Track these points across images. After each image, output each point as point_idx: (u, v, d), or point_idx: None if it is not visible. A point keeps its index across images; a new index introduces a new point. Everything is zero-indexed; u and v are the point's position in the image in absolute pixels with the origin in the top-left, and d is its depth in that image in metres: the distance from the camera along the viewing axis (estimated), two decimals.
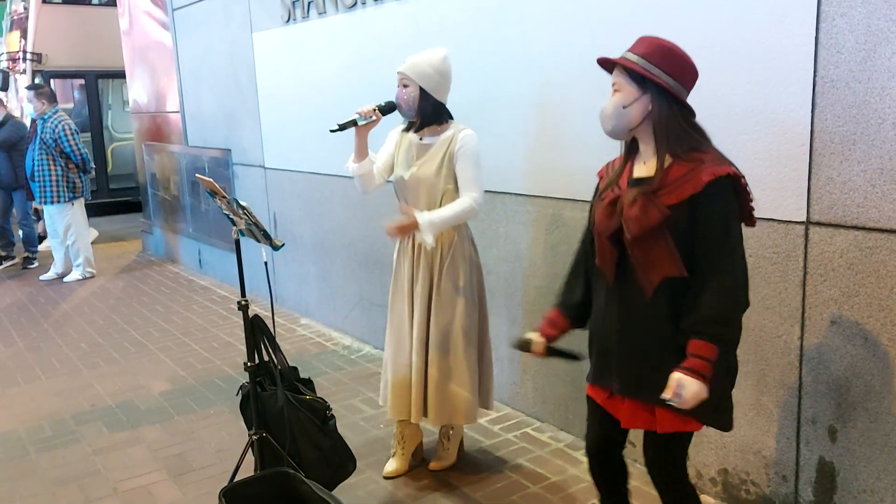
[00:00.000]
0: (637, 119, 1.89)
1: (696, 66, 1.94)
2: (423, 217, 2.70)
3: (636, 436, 3.01)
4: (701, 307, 1.81)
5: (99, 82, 10.83)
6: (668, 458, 2.02)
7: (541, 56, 3.14)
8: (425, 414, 2.91)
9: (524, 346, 2.17)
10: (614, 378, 1.99)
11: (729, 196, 1.84)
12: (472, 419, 2.94)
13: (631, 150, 1.99)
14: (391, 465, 3.07)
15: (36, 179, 6.51)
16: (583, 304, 2.11)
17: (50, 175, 6.52)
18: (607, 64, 1.93)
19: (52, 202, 6.58)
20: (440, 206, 2.80)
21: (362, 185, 2.95)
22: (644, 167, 1.93)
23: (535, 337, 2.16)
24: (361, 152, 2.86)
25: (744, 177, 1.87)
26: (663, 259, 1.83)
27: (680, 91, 1.89)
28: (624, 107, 1.88)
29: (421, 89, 2.76)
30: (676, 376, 1.80)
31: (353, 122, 2.79)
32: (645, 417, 1.96)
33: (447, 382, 2.87)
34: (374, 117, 2.79)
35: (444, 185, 2.79)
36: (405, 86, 2.77)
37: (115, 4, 8.12)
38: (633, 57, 1.88)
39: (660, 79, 1.85)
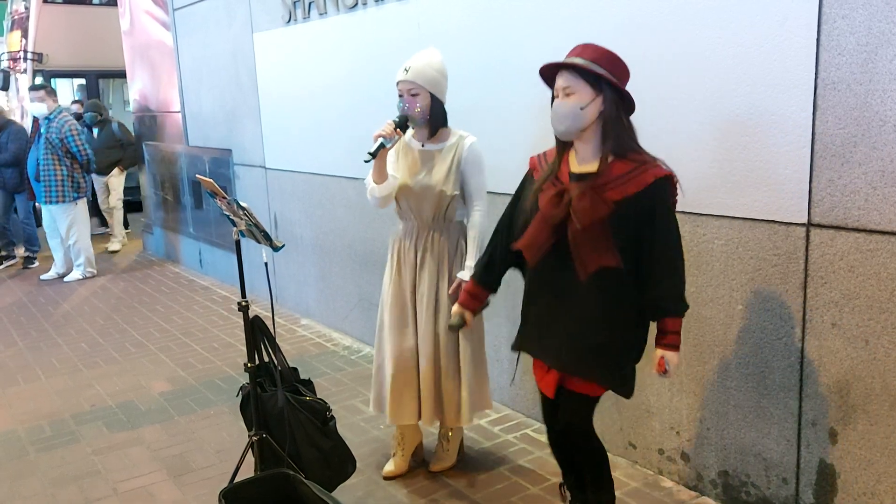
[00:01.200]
0: (591, 119, 2.06)
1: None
2: (467, 276, 2.73)
3: (636, 437, 3.01)
4: (664, 289, 2.09)
5: (100, 82, 10.84)
6: (579, 418, 2.26)
7: (540, 57, 3.13)
8: (429, 416, 2.93)
9: (461, 324, 2.48)
10: (543, 352, 2.25)
11: (669, 194, 2.08)
12: (467, 420, 2.93)
13: (564, 147, 2.18)
14: (390, 466, 3.07)
15: (41, 179, 6.52)
16: (499, 279, 2.43)
17: (55, 175, 6.53)
18: (550, 71, 2.12)
19: (57, 202, 6.59)
20: (445, 212, 2.81)
21: (381, 204, 2.82)
22: (582, 163, 2.13)
23: (466, 314, 2.47)
24: (383, 173, 2.73)
25: (676, 176, 2.09)
26: (603, 249, 2.04)
27: (625, 94, 2.08)
28: (581, 108, 2.04)
29: (431, 95, 2.71)
30: (659, 353, 2.13)
31: (382, 146, 2.65)
32: (561, 383, 2.23)
33: (443, 383, 2.88)
34: (396, 137, 2.67)
35: (451, 192, 2.77)
36: (415, 94, 2.69)
37: (115, 4, 8.13)
38: (584, 61, 2.04)
39: (613, 80, 2.04)
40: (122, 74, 8.61)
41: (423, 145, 2.83)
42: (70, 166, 6.61)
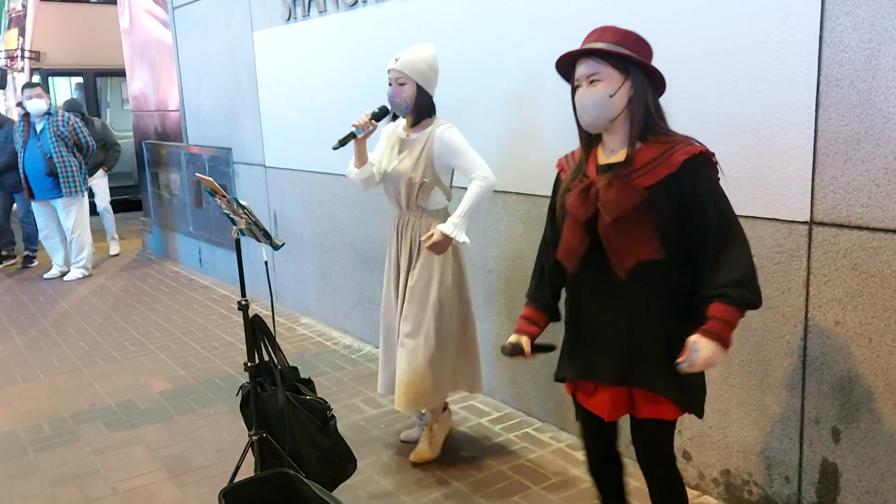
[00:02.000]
0: (622, 107, 1.88)
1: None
2: (447, 228, 2.76)
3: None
4: (723, 274, 1.79)
5: (98, 80, 10.81)
6: (653, 447, 2.03)
7: (542, 56, 3.13)
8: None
9: (515, 351, 2.13)
10: (597, 369, 2.00)
11: (708, 172, 1.86)
12: (424, 404, 3.02)
13: (591, 142, 1.99)
14: (409, 432, 3.31)
15: (59, 172, 6.55)
16: (555, 298, 2.14)
17: (71, 166, 6.64)
18: (568, 61, 1.92)
19: (75, 192, 6.69)
20: (416, 198, 2.89)
21: (364, 186, 3.06)
22: (611, 155, 1.94)
23: (522, 340, 2.13)
24: (362, 159, 2.95)
25: (713, 153, 1.88)
26: (640, 242, 1.83)
27: (655, 73, 1.91)
28: (610, 95, 1.87)
29: (417, 86, 2.82)
30: (693, 338, 1.79)
31: (353, 136, 2.84)
32: (626, 406, 1.98)
33: (412, 367, 2.92)
34: (370, 127, 2.85)
35: (420, 179, 2.85)
36: (402, 83, 2.82)
37: (114, 2, 8.10)
38: (607, 45, 1.87)
39: (641, 60, 1.87)
40: (120, 73, 8.57)
41: (407, 135, 2.94)
42: (80, 158, 6.73)
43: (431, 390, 2.95)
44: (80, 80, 10.84)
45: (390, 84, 2.85)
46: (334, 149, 2.85)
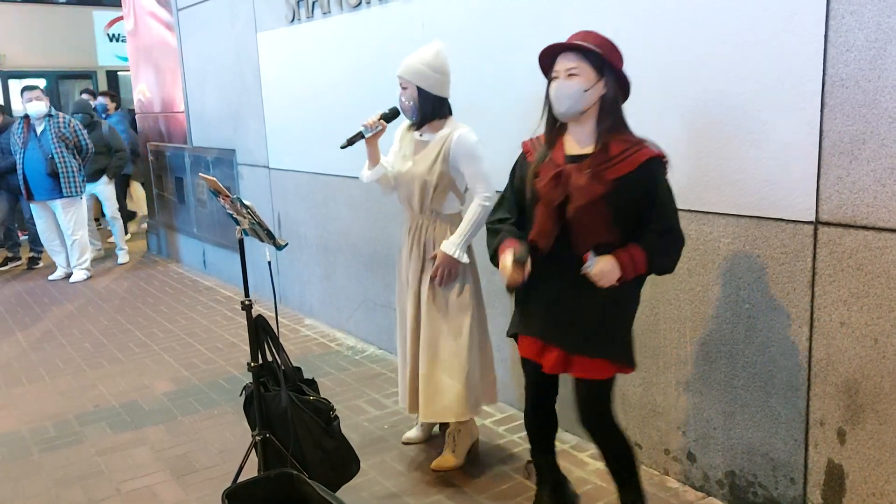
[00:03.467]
0: (592, 102, 2.13)
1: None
2: (449, 248, 2.80)
3: (642, 437, 2.99)
4: (655, 236, 2.13)
5: (63, 82, 10.62)
6: (592, 401, 2.29)
7: None
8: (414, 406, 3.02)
9: (525, 258, 2.20)
10: (545, 330, 2.27)
11: (662, 173, 2.14)
12: (461, 415, 2.93)
13: (560, 130, 2.23)
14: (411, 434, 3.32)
15: (60, 173, 6.58)
16: (517, 230, 2.33)
17: (72, 167, 6.67)
18: (550, 54, 2.17)
19: (76, 193, 6.72)
20: (431, 201, 2.87)
21: (382, 189, 3.04)
22: (577, 145, 2.19)
23: (520, 251, 2.21)
24: (374, 159, 2.93)
25: (667, 156, 2.14)
26: (600, 225, 2.10)
27: (625, 80, 2.16)
28: (585, 90, 2.11)
29: (419, 88, 2.81)
30: (599, 257, 2.09)
31: (360, 135, 2.84)
32: (564, 366, 2.25)
33: (436, 379, 2.90)
34: (379, 127, 2.84)
35: (435, 182, 2.84)
36: (404, 87, 2.83)
37: (79, 3, 7.97)
38: (590, 45, 2.10)
39: (617, 65, 2.12)
40: (84, 75, 8.44)
41: (420, 135, 2.93)
42: (77, 160, 6.75)
43: (469, 401, 2.93)
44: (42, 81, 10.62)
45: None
46: (342, 147, 2.85)
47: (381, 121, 2.84)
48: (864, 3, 2.11)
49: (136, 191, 9.03)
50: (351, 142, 2.83)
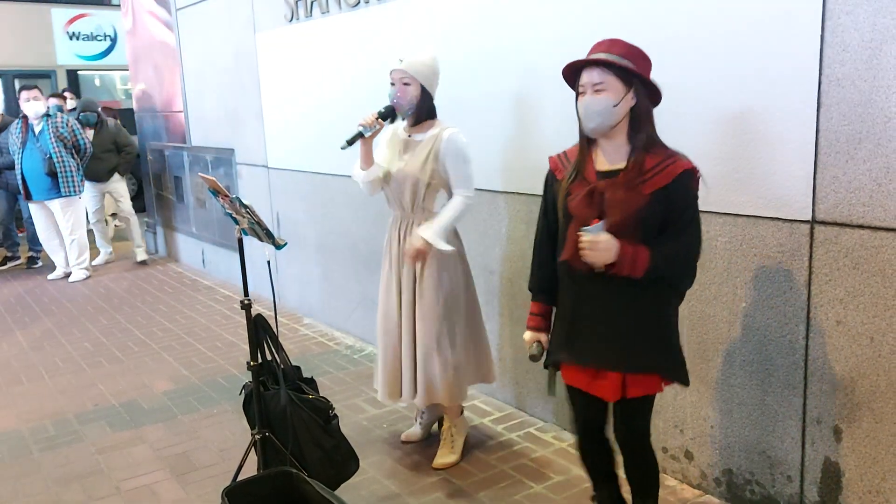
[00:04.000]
0: (622, 115, 2.04)
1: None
2: (427, 234, 2.81)
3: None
4: (667, 245, 2.04)
5: (20, 82, 10.41)
6: (635, 419, 2.22)
7: (543, 55, 3.14)
8: (408, 393, 3.03)
9: (539, 355, 2.31)
10: (598, 355, 2.14)
11: (694, 186, 2.06)
12: (456, 399, 3.03)
13: (589, 144, 2.13)
14: (409, 431, 3.33)
15: (58, 172, 6.59)
16: (555, 288, 2.27)
17: (70, 167, 6.68)
18: (574, 68, 2.06)
19: (73, 192, 6.73)
20: (423, 200, 2.92)
21: (370, 189, 3.01)
22: (608, 161, 2.09)
23: (542, 338, 2.31)
24: (368, 160, 2.92)
25: (699, 171, 2.08)
26: (636, 240, 2.01)
27: (654, 88, 2.07)
28: (614, 105, 2.01)
29: (421, 87, 2.84)
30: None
31: (360, 135, 2.83)
32: (622, 389, 2.13)
33: (433, 364, 2.93)
34: (377, 126, 2.84)
35: (426, 180, 2.88)
36: (406, 84, 2.83)
37: (36, 0, 7.74)
38: (615, 57, 2.00)
39: (645, 75, 2.03)
40: (43, 75, 8.22)
41: (409, 135, 2.94)
42: (75, 159, 6.76)
43: (458, 388, 3.01)
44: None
45: (393, 84, 2.86)
46: (342, 149, 2.84)
47: (379, 119, 2.84)
48: (860, 4, 2.12)
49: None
50: (351, 142, 2.83)
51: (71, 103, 8.66)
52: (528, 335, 2.32)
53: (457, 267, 2.98)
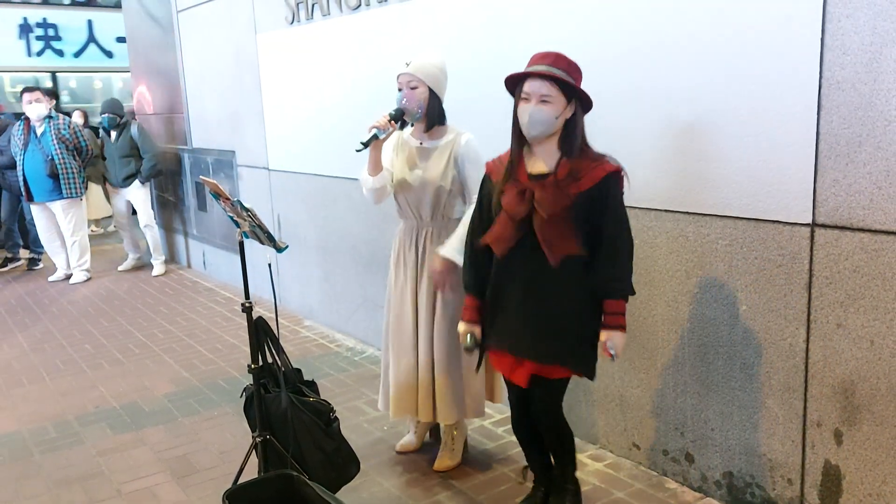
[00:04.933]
0: (560, 125, 2.23)
1: None
2: (449, 252, 2.77)
3: (640, 438, 3.00)
4: (606, 271, 2.24)
5: None
6: (553, 402, 2.42)
7: None
8: (434, 414, 2.96)
9: (474, 347, 2.48)
10: (518, 344, 2.34)
11: (619, 186, 2.25)
12: (480, 413, 3.02)
13: (522, 149, 2.31)
14: (404, 441, 3.28)
15: (60, 174, 6.59)
16: (486, 281, 2.43)
17: (72, 168, 6.69)
18: (514, 80, 2.24)
19: (76, 194, 6.73)
20: (443, 208, 2.85)
21: (376, 198, 2.90)
22: (538, 164, 2.28)
23: (475, 330, 2.47)
24: (378, 165, 2.82)
25: (624, 170, 2.25)
26: (567, 239, 2.20)
27: (588, 100, 2.25)
28: (556, 117, 2.20)
29: (430, 90, 2.78)
30: (605, 335, 2.26)
31: (375, 137, 2.71)
32: (535, 372, 2.34)
33: (456, 380, 2.91)
34: (391, 129, 2.74)
35: (448, 187, 2.82)
36: (414, 87, 2.77)
37: None
38: (561, 72, 2.18)
39: (583, 92, 2.21)
40: None
41: (420, 142, 2.88)
42: (77, 161, 6.77)
43: (482, 399, 3.03)
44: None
45: (400, 89, 2.79)
46: (358, 151, 2.74)
47: (392, 122, 2.74)
48: (860, 7, 2.12)
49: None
50: (366, 144, 2.71)
51: None
52: (461, 327, 2.50)
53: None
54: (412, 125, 2.89)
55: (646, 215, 2.80)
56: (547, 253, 2.21)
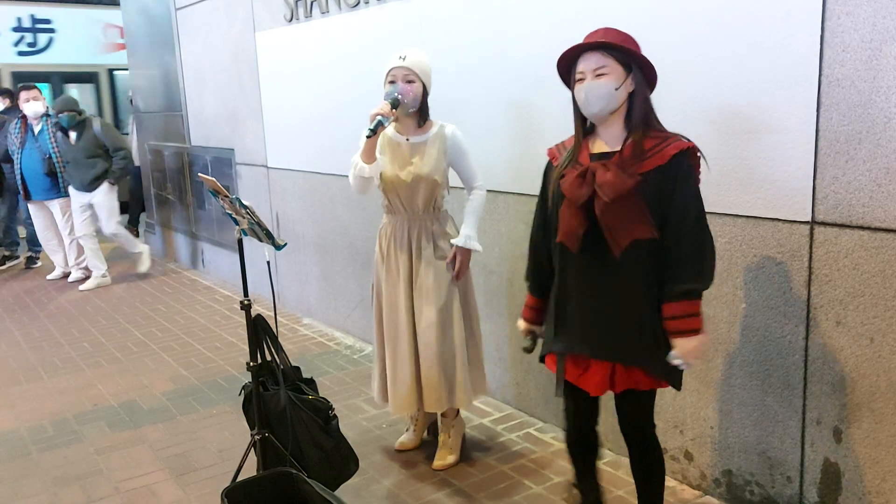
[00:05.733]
0: (623, 99, 2.03)
1: None
2: (467, 241, 2.86)
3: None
4: (677, 269, 2.00)
5: None
6: (636, 413, 2.21)
7: (543, 55, 3.13)
8: (432, 403, 2.99)
9: (533, 346, 2.36)
10: (586, 344, 2.12)
11: (692, 167, 2.04)
12: (485, 390, 3.09)
13: (586, 131, 2.13)
14: (403, 439, 3.28)
15: (58, 172, 6.55)
16: (550, 281, 2.26)
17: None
18: (570, 56, 2.05)
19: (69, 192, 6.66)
20: (435, 199, 2.91)
21: (364, 187, 2.87)
22: (603, 144, 2.09)
23: (535, 329, 2.35)
24: (373, 154, 2.79)
25: (698, 149, 2.05)
26: (635, 221, 1.98)
27: (652, 70, 2.07)
28: (616, 88, 2.01)
29: (423, 85, 2.84)
30: (674, 344, 2.02)
31: (380, 124, 2.69)
32: (609, 382, 2.11)
33: (444, 368, 2.92)
34: (392, 116, 2.73)
35: (441, 180, 2.88)
36: (410, 81, 2.79)
37: None
38: (610, 41, 2.02)
39: (644, 59, 2.03)
40: None
41: (407, 139, 2.90)
42: None
43: (483, 380, 3.08)
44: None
45: (392, 81, 2.79)
46: (368, 137, 2.69)
47: (392, 110, 2.72)
48: (860, 4, 2.12)
49: None
50: (375, 131, 2.67)
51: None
52: (521, 324, 2.37)
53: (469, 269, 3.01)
54: (406, 114, 2.84)
55: None
56: (610, 241, 1.99)
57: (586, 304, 2.11)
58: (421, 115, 2.87)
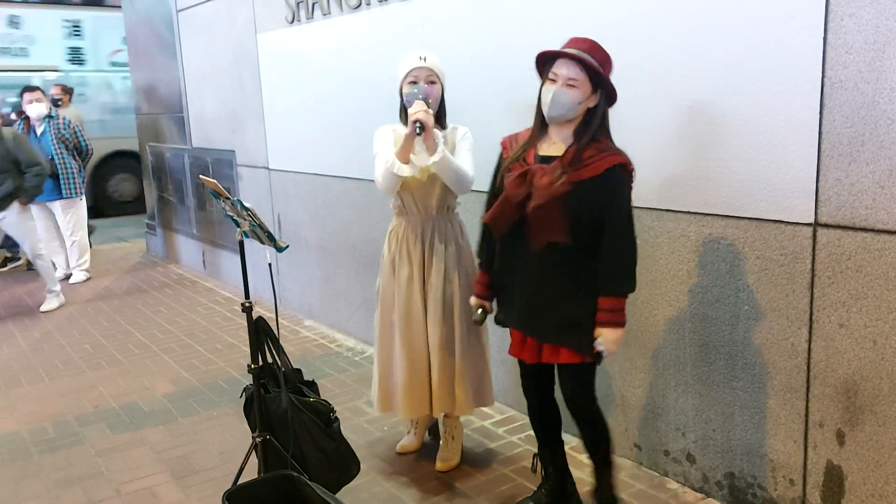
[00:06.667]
0: (581, 112, 2.24)
1: None
2: (440, 148, 2.67)
3: (641, 439, 2.99)
4: (608, 271, 2.24)
5: None
6: (578, 387, 2.42)
7: None
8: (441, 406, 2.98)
9: (483, 319, 2.60)
10: (520, 322, 2.41)
11: (624, 181, 2.23)
12: (471, 409, 3.07)
13: (541, 131, 2.32)
14: (405, 442, 3.28)
15: (60, 173, 6.58)
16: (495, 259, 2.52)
17: (71, 168, 6.68)
18: (550, 55, 2.23)
19: (75, 193, 6.72)
20: (448, 199, 2.90)
21: (395, 186, 2.79)
22: (551, 147, 2.29)
23: (484, 304, 2.59)
24: (408, 154, 2.73)
25: (632, 164, 2.24)
26: (554, 226, 2.21)
27: (614, 93, 2.26)
28: (579, 102, 2.20)
29: (441, 87, 2.83)
30: (596, 333, 2.27)
31: (422, 127, 2.64)
32: (538, 355, 2.39)
33: (455, 374, 2.91)
34: (432, 114, 2.71)
35: None
36: (432, 82, 2.78)
37: None
38: (591, 59, 2.18)
39: (610, 82, 2.21)
40: None
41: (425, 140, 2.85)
42: (77, 161, 6.77)
43: (482, 393, 3.05)
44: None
45: (414, 82, 2.74)
46: (418, 135, 2.64)
47: (429, 110, 2.69)
48: (863, 6, 2.11)
49: None
50: (423, 128, 2.62)
51: None
52: (473, 300, 2.62)
53: (463, 275, 2.94)
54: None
55: (647, 215, 2.80)
56: (531, 237, 2.25)
57: (520, 285, 2.37)
58: (437, 117, 2.80)
